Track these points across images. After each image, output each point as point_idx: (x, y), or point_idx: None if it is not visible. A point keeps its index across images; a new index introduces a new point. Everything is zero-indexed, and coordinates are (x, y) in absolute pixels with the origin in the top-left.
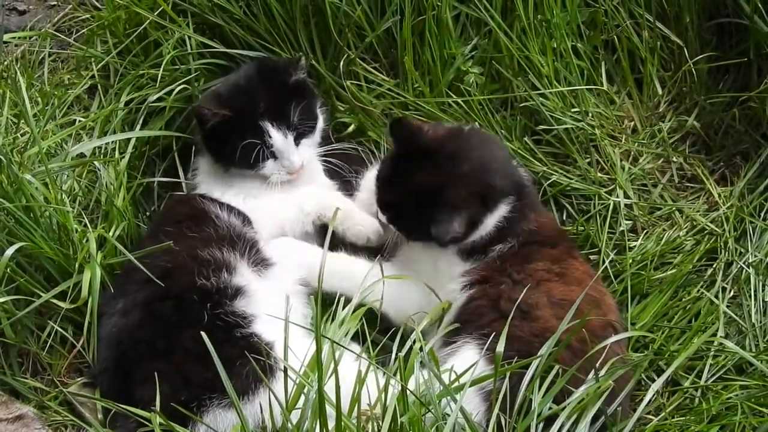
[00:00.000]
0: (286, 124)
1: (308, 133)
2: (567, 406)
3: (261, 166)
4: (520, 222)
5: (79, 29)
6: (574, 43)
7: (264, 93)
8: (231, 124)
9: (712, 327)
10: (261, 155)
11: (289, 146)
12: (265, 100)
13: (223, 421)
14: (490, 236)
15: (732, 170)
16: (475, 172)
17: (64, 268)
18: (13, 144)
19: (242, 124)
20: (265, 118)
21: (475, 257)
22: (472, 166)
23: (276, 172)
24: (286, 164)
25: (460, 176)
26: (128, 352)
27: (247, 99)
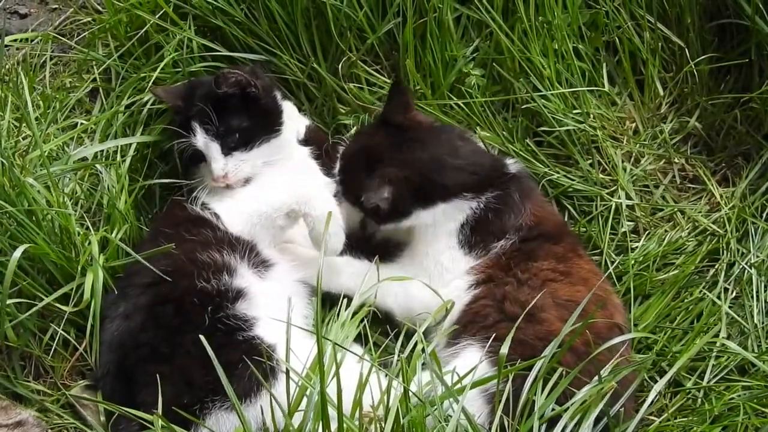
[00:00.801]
0: (213, 129)
1: (240, 146)
2: (570, 408)
3: (194, 168)
4: (513, 215)
5: (80, 32)
6: (575, 45)
7: (204, 92)
8: (178, 115)
9: (714, 328)
10: (195, 155)
11: (213, 151)
12: (203, 100)
13: (225, 423)
14: (473, 223)
15: (734, 171)
16: (420, 163)
17: (67, 271)
18: (15, 147)
19: (183, 117)
20: (197, 118)
21: (477, 251)
22: (420, 157)
23: (207, 175)
24: (213, 169)
25: (408, 160)
26: (131, 356)
27: (190, 93)
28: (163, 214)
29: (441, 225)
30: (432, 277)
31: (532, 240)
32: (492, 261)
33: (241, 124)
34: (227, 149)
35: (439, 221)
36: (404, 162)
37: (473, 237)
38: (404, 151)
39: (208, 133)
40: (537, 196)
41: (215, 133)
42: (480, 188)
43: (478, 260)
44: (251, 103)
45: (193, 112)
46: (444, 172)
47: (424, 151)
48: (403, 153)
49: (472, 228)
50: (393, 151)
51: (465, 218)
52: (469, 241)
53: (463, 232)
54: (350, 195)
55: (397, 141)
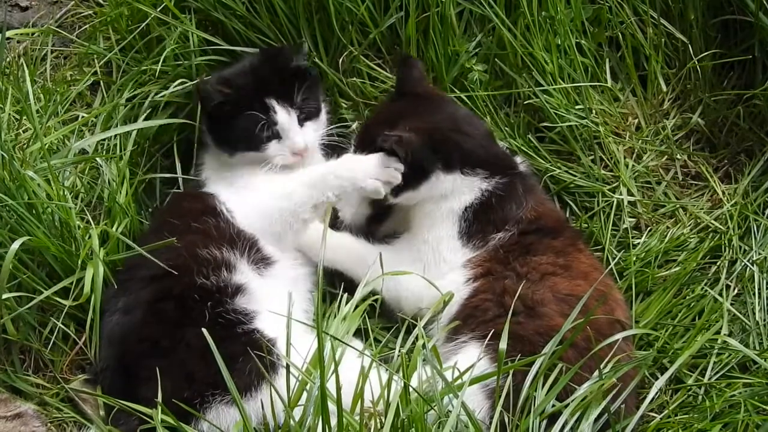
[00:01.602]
0: (290, 103)
1: (312, 116)
2: (570, 404)
3: (264, 147)
4: (515, 206)
5: (81, 26)
6: (578, 40)
7: (269, 74)
8: (236, 101)
9: (715, 325)
10: (265, 134)
11: (293, 125)
12: (270, 80)
13: (226, 417)
14: (475, 208)
15: (736, 168)
16: (441, 123)
17: (67, 265)
18: (16, 140)
19: (247, 101)
20: (270, 96)
21: (475, 242)
22: (441, 118)
23: (279, 153)
24: (289, 144)
25: (427, 120)
26: (131, 350)
27: (252, 78)
28: (166, 206)
29: (450, 201)
30: (428, 266)
31: (531, 233)
32: (490, 254)
33: (306, 96)
34: (300, 122)
35: (450, 195)
36: (426, 120)
37: (474, 225)
38: (425, 113)
39: (284, 106)
40: (539, 192)
41: (292, 105)
42: (493, 170)
43: (476, 252)
44: (303, 74)
45: (269, 89)
46: (465, 138)
47: (445, 115)
48: (425, 114)
49: (475, 213)
50: (414, 113)
51: (471, 200)
52: (469, 229)
53: (465, 218)
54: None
55: (416, 105)
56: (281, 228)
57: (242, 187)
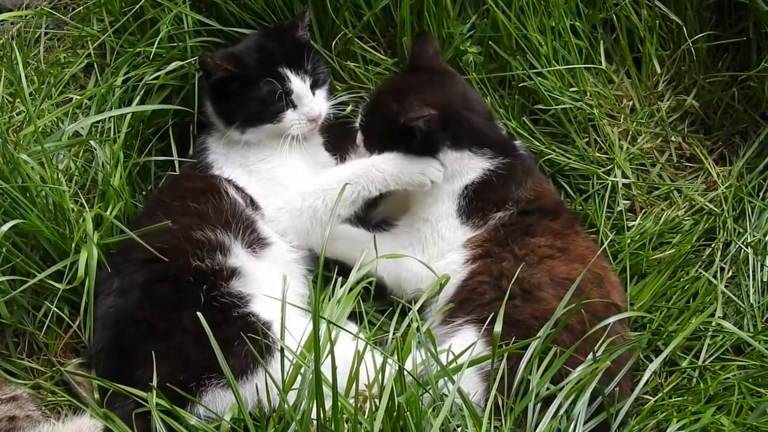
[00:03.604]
0: (303, 70)
1: (322, 82)
2: (565, 387)
3: (281, 116)
4: (515, 185)
5: (75, 7)
6: (572, 22)
7: (277, 45)
8: (247, 75)
9: (710, 307)
10: (280, 104)
11: (308, 92)
12: (280, 50)
13: (222, 400)
14: (477, 187)
15: (731, 150)
16: (453, 99)
17: (61, 248)
18: (9, 123)
19: (260, 73)
20: (283, 65)
21: (475, 221)
22: (453, 95)
23: (296, 121)
24: (306, 110)
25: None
26: (126, 333)
27: (261, 51)
28: (167, 186)
29: (453, 180)
30: (426, 246)
31: (530, 214)
32: (489, 234)
33: (314, 64)
34: (312, 90)
35: (455, 173)
36: (438, 95)
37: (474, 203)
38: (437, 87)
39: (299, 74)
40: (537, 173)
41: (305, 72)
42: (497, 150)
43: (476, 231)
44: (308, 42)
45: (280, 59)
46: (475, 116)
47: (457, 92)
48: (437, 88)
49: (475, 191)
50: (425, 87)
51: (473, 179)
52: (468, 207)
53: (465, 196)
54: (381, 128)
55: (429, 79)
56: (311, 226)
57: (267, 178)
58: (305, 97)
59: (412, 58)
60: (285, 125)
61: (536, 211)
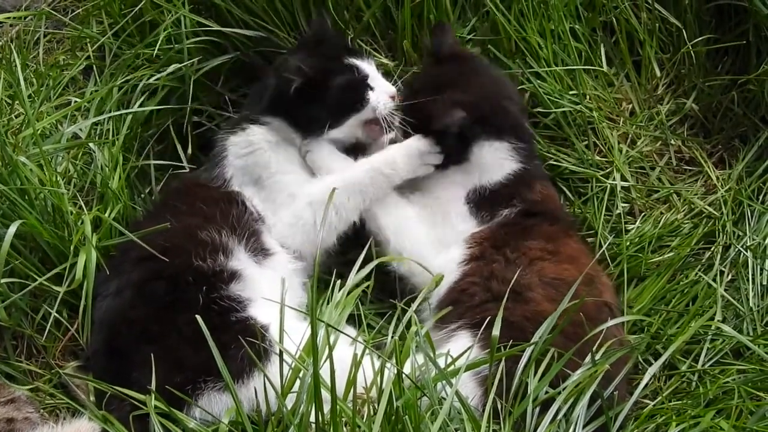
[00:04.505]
0: (361, 56)
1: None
2: (563, 391)
3: (366, 100)
4: (524, 186)
5: (74, 9)
6: (572, 25)
7: (327, 44)
8: (320, 75)
9: (709, 311)
10: (362, 90)
11: (377, 72)
12: (339, 45)
13: (218, 404)
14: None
15: (730, 153)
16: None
17: (60, 251)
18: (8, 125)
19: (333, 69)
20: (348, 56)
21: (484, 215)
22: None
23: (381, 101)
24: (384, 88)
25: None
26: (120, 334)
27: (320, 54)
28: (179, 191)
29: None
30: (434, 225)
31: (532, 216)
32: (491, 232)
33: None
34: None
35: (485, 167)
36: (472, 88)
37: (486, 196)
38: (470, 80)
39: (365, 60)
40: (545, 176)
41: (365, 58)
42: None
43: (481, 227)
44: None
45: (345, 52)
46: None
47: (490, 80)
48: (469, 80)
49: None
50: (458, 80)
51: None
52: (480, 200)
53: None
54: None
55: (459, 71)
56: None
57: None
58: (377, 78)
59: (436, 48)
60: (373, 106)
61: (538, 214)
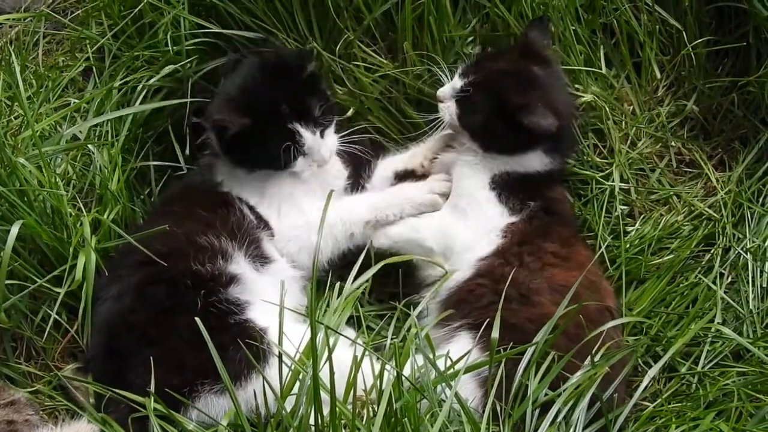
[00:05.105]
0: (312, 122)
1: (329, 124)
2: (563, 393)
3: (292, 165)
4: (549, 183)
5: (73, 11)
6: (572, 27)
7: (283, 92)
8: (255, 130)
9: (709, 313)
10: (292, 155)
11: (318, 141)
12: (287, 100)
13: (215, 406)
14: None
15: (730, 155)
16: (568, 106)
17: (59, 252)
18: (7, 127)
19: (269, 129)
20: (293, 120)
21: (513, 204)
22: (567, 101)
23: (307, 168)
24: (317, 158)
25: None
26: (120, 337)
27: (267, 101)
28: (176, 195)
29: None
30: (467, 215)
31: (551, 214)
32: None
33: (322, 105)
34: (323, 133)
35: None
36: (559, 99)
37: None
38: (557, 90)
39: (308, 127)
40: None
41: (314, 123)
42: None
43: (513, 218)
44: (316, 81)
45: (291, 114)
46: (574, 126)
47: (569, 96)
48: (557, 90)
49: (519, 179)
50: (548, 85)
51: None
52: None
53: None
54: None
55: (548, 76)
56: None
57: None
58: (315, 147)
59: (529, 43)
60: (296, 170)
61: (556, 214)
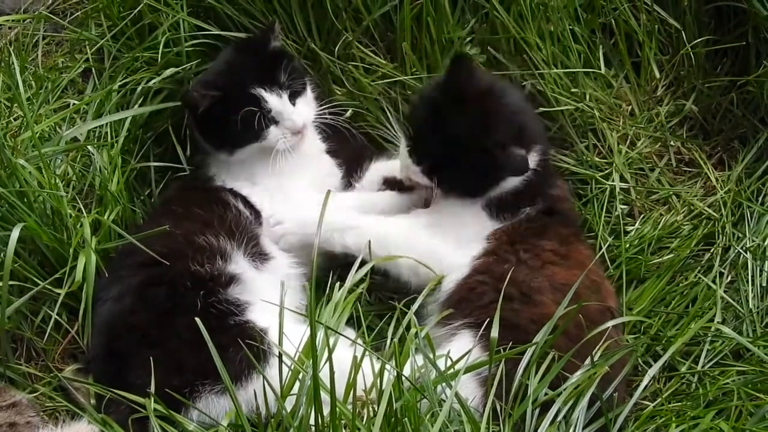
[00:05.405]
0: (277, 86)
1: (301, 91)
2: (563, 392)
3: (264, 134)
4: (547, 182)
5: (73, 12)
6: (571, 27)
7: (249, 63)
8: (223, 102)
9: (709, 312)
10: (262, 123)
11: (287, 106)
12: (251, 68)
13: (215, 407)
14: (518, 190)
15: (730, 154)
16: (513, 114)
17: (59, 254)
18: (7, 128)
19: (235, 98)
20: (256, 85)
21: (505, 215)
22: (513, 109)
23: (281, 137)
24: (288, 125)
25: (506, 118)
26: (120, 338)
27: (233, 74)
28: (173, 196)
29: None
30: (447, 232)
31: (553, 214)
32: (513, 227)
33: (291, 75)
34: (292, 101)
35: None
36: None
37: (507, 200)
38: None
39: (273, 91)
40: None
41: (279, 86)
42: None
43: (502, 224)
44: (282, 53)
45: (253, 78)
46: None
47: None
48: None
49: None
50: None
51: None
52: (501, 205)
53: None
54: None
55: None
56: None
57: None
58: (284, 111)
59: (458, 87)
60: (270, 142)
61: (558, 214)
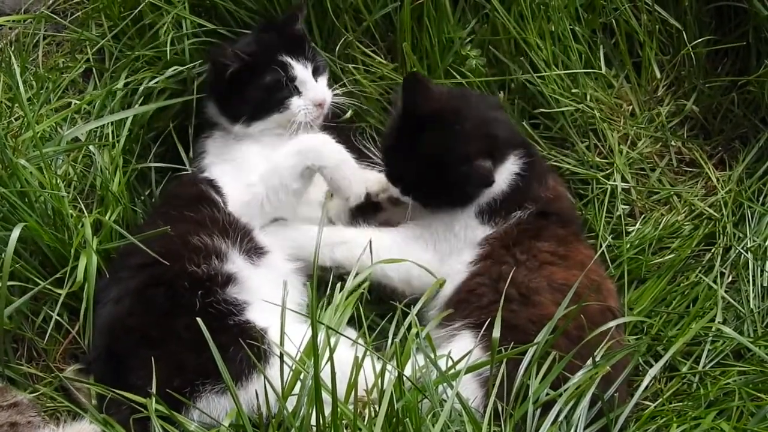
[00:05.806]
0: (303, 57)
1: (323, 69)
2: (564, 393)
3: (287, 103)
4: (536, 183)
5: (74, 12)
6: (572, 27)
7: (277, 36)
8: (251, 68)
9: (710, 312)
10: (284, 92)
11: (310, 77)
12: (281, 39)
13: (216, 407)
14: (505, 195)
15: (730, 154)
16: (476, 126)
17: (60, 254)
18: (8, 128)
19: (263, 64)
20: (284, 53)
21: (495, 220)
22: (474, 121)
23: (303, 107)
24: (311, 96)
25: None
26: (120, 340)
27: (262, 43)
28: (165, 193)
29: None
30: (438, 242)
31: (547, 216)
32: (505, 231)
33: (313, 53)
34: (315, 74)
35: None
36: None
37: (497, 205)
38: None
39: (299, 60)
40: (555, 174)
41: (305, 58)
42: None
43: (494, 230)
44: (306, 34)
45: (282, 48)
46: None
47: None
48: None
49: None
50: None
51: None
52: (491, 210)
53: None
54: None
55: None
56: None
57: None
58: (309, 82)
59: (416, 105)
60: (292, 112)
61: (553, 215)
